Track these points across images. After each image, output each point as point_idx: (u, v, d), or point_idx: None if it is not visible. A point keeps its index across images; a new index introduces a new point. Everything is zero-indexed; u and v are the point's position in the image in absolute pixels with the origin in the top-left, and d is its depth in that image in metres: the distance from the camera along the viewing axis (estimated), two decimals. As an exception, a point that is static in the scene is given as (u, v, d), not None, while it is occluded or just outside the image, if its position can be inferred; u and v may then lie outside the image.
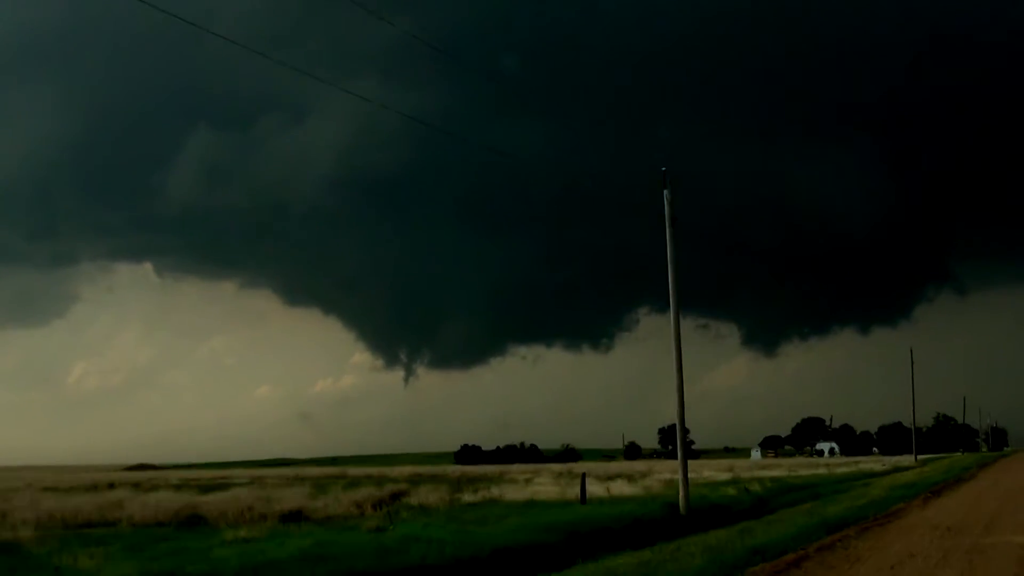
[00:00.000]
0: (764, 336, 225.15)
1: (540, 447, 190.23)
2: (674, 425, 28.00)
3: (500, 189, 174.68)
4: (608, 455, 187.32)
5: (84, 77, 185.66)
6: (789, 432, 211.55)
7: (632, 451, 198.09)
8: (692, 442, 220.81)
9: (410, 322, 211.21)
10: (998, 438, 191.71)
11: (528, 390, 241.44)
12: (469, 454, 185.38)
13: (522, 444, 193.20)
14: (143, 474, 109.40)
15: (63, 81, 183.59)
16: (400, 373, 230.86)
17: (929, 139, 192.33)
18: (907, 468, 65.59)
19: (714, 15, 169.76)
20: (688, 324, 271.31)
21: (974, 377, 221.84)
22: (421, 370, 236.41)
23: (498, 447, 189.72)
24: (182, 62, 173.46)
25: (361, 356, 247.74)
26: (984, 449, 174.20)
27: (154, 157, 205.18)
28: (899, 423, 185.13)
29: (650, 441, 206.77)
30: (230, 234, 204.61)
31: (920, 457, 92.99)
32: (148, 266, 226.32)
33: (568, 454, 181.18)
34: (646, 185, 27.84)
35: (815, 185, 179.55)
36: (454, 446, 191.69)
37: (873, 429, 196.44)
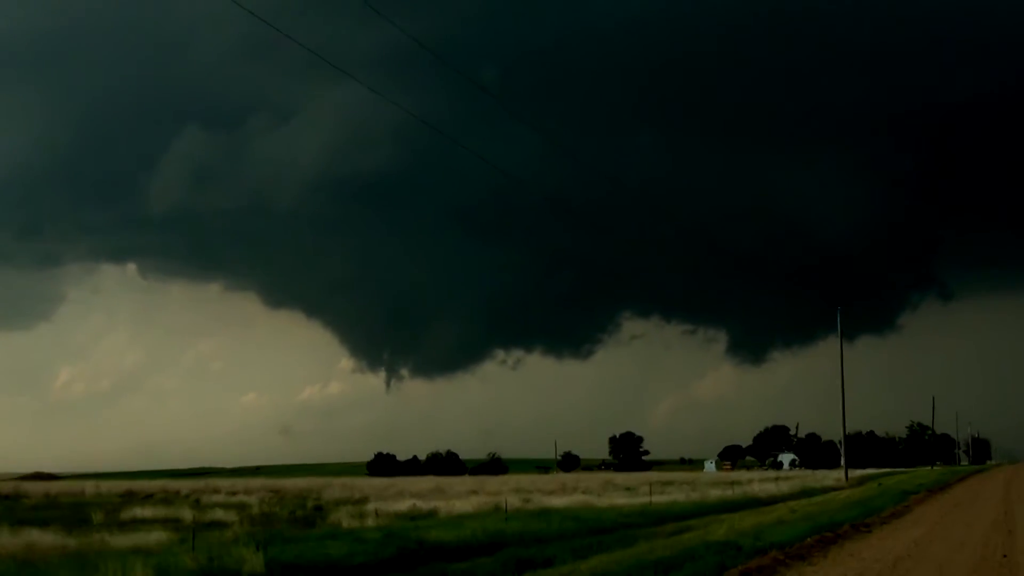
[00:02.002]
0: (749, 344, 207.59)
1: (463, 456, 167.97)
2: (628, 433, 12.40)
3: (486, 196, 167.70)
4: (543, 466, 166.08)
5: (71, 79, 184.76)
6: (751, 442, 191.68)
7: (569, 462, 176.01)
8: (645, 451, 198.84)
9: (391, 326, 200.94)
10: (980, 450, 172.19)
11: (500, 397, 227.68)
12: (382, 464, 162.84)
13: (448, 452, 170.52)
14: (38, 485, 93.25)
15: (50, 83, 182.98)
16: (382, 376, 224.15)
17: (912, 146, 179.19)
18: (825, 490, 43.59)
19: (696, 19, 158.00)
20: (674, 329, 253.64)
21: (961, 385, 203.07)
22: (404, 372, 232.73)
23: (415, 456, 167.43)
24: (169, 64, 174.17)
25: (347, 361, 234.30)
26: (964, 462, 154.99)
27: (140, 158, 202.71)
28: (872, 432, 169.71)
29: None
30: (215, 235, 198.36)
31: (869, 472, 71.66)
32: (132, 267, 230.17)
33: (493, 465, 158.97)
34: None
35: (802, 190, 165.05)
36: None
37: (839, 438, 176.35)
